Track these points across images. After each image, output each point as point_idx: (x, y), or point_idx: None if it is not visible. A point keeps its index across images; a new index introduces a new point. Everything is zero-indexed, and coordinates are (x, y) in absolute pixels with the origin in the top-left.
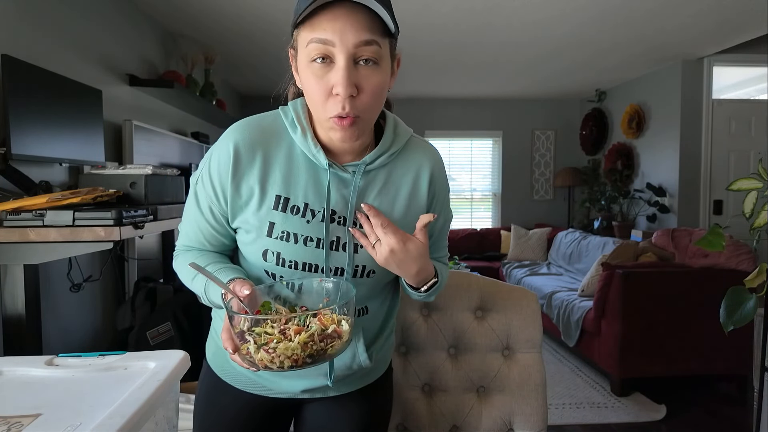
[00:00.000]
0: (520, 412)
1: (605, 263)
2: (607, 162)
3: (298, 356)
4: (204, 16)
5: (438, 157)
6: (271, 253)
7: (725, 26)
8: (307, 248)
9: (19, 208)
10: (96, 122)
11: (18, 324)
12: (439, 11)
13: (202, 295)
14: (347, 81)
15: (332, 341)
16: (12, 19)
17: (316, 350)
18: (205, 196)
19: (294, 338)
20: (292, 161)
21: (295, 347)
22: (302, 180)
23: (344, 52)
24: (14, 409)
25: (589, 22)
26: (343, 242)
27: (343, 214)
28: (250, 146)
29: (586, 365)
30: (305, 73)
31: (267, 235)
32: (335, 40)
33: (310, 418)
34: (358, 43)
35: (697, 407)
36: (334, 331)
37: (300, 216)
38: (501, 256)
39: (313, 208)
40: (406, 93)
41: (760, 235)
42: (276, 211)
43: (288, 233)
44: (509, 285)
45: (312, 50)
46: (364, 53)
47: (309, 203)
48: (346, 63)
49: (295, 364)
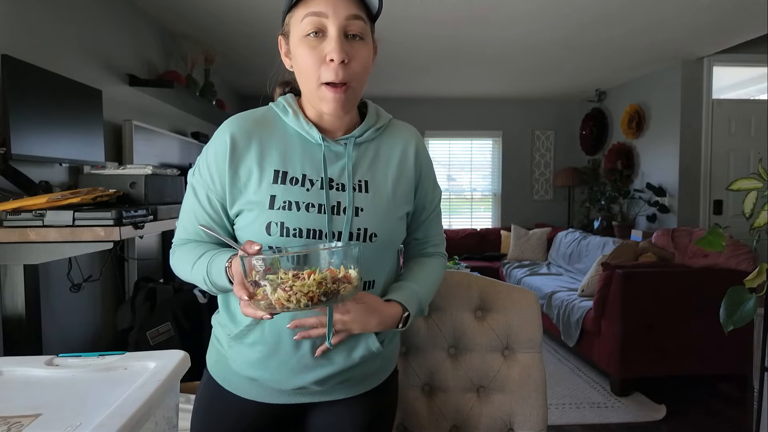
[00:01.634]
0: (520, 412)
1: (605, 263)
2: (607, 162)
3: (314, 293)
4: (204, 16)
5: (419, 136)
6: (275, 224)
7: (725, 26)
8: (310, 214)
9: (19, 208)
10: (96, 122)
11: (18, 324)
12: (438, 11)
13: (203, 280)
14: (340, 47)
15: (344, 285)
16: (12, 19)
17: (330, 289)
18: (202, 185)
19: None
20: (287, 141)
21: (311, 284)
22: (298, 155)
23: (336, 24)
24: (14, 409)
25: (589, 22)
26: (343, 206)
27: (341, 181)
28: (246, 134)
29: (586, 365)
30: (299, 48)
31: (269, 208)
32: (329, 12)
33: (315, 423)
34: (349, 16)
35: (697, 407)
36: (344, 276)
37: (300, 186)
38: (501, 256)
39: (311, 178)
40: (406, 93)
41: (760, 235)
42: (276, 184)
43: (290, 202)
44: (509, 285)
45: (307, 24)
46: (353, 27)
47: (307, 174)
48: (338, 33)
49: (310, 301)
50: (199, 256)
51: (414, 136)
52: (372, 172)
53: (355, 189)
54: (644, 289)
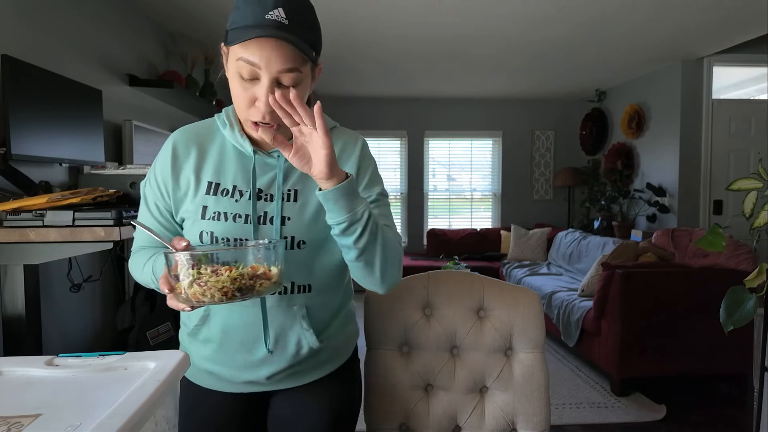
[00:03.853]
0: (523, 412)
1: (605, 263)
2: (607, 162)
3: (228, 288)
4: (204, 16)
5: (364, 142)
6: (206, 233)
7: (725, 26)
8: (237, 224)
9: (19, 208)
10: (96, 122)
11: (18, 324)
12: (438, 11)
13: (151, 280)
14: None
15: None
16: (12, 19)
17: (245, 285)
18: (152, 195)
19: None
20: (224, 153)
21: (225, 280)
22: (232, 167)
23: (268, 76)
24: (14, 409)
25: (589, 22)
26: (270, 216)
27: (270, 192)
28: (186, 144)
29: (586, 365)
30: (232, 80)
31: (201, 218)
32: (261, 65)
33: (277, 410)
34: (282, 70)
35: (697, 407)
36: (263, 273)
37: (229, 197)
38: (501, 256)
39: (241, 189)
40: (406, 93)
41: (760, 235)
42: (208, 195)
43: (219, 213)
44: (511, 285)
45: (241, 67)
46: (285, 79)
47: (237, 185)
48: (269, 84)
49: (225, 296)
50: (148, 258)
51: (354, 143)
52: (303, 181)
53: (284, 198)
54: (644, 289)
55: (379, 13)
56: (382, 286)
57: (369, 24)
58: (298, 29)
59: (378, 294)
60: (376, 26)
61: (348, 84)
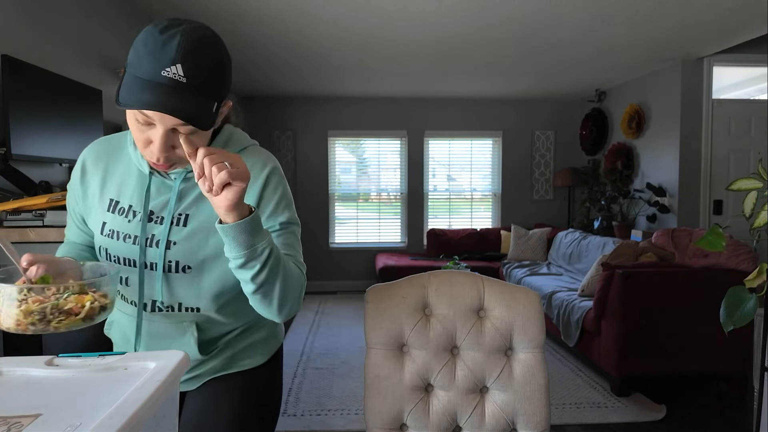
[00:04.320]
0: (523, 411)
1: (605, 263)
2: (607, 162)
3: (21, 322)
4: (204, 16)
5: (272, 168)
6: (102, 249)
7: (725, 26)
8: (126, 245)
9: (19, 208)
10: (96, 122)
11: None
12: (438, 11)
13: None
14: (162, 147)
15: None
16: (12, 19)
17: (38, 320)
18: (70, 199)
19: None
20: (129, 171)
21: (18, 313)
22: (132, 186)
23: (162, 128)
24: (14, 409)
25: (589, 22)
26: (157, 239)
27: (162, 215)
28: (95, 160)
29: (586, 365)
30: (130, 118)
31: (100, 233)
32: (155, 120)
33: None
34: (177, 124)
35: (697, 407)
36: (71, 309)
37: (124, 216)
38: (501, 256)
39: (136, 209)
40: (406, 93)
41: (760, 235)
42: (108, 212)
43: (113, 231)
44: (511, 285)
45: (136, 113)
46: (182, 130)
47: (133, 205)
48: (164, 133)
49: (19, 327)
50: None
51: (261, 169)
52: (197, 205)
53: (173, 222)
54: (644, 289)
55: (379, 13)
56: (279, 317)
57: (369, 24)
58: (197, 88)
59: (378, 294)
60: (377, 26)
61: (348, 84)
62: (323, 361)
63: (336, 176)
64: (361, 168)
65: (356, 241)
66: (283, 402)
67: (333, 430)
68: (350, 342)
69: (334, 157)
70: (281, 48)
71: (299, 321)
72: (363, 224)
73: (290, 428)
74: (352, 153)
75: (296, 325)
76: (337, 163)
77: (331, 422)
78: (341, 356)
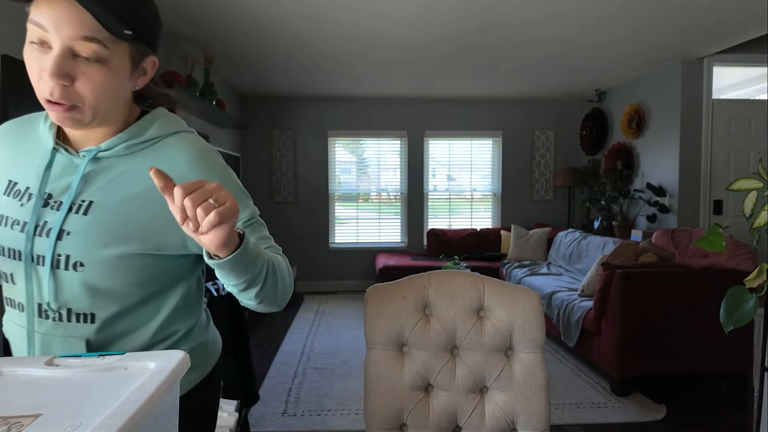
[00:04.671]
0: (523, 412)
1: (605, 263)
2: (607, 162)
3: None
4: (204, 15)
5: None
6: None
7: (725, 26)
8: (13, 232)
9: None
10: None
11: None
12: (438, 11)
13: None
14: (56, 70)
15: None
16: (12, 19)
17: None
18: None
19: None
20: (35, 150)
21: None
22: (35, 165)
23: (58, 42)
24: (14, 409)
25: (589, 21)
26: (49, 228)
27: (60, 199)
28: (3, 137)
29: (586, 365)
30: (25, 51)
31: None
32: (50, 28)
33: None
34: (75, 37)
35: (697, 407)
36: None
37: (17, 199)
38: (501, 256)
39: (32, 192)
40: (406, 93)
41: (760, 235)
42: (3, 195)
43: (2, 216)
44: (512, 285)
45: (30, 31)
46: (83, 50)
47: (30, 187)
48: (60, 52)
49: None
50: None
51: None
52: (105, 192)
53: (72, 209)
54: (644, 289)
55: (379, 14)
56: (279, 309)
57: (369, 24)
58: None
59: (378, 294)
60: (377, 26)
61: (348, 84)
62: (323, 361)
63: (336, 176)
64: (361, 168)
65: (356, 241)
66: (283, 402)
67: (333, 430)
68: (350, 342)
69: (334, 157)
70: (281, 48)
71: (299, 321)
72: (363, 224)
73: (290, 428)
74: (352, 153)
75: (296, 325)
76: (337, 163)
77: (331, 422)
78: (341, 356)
